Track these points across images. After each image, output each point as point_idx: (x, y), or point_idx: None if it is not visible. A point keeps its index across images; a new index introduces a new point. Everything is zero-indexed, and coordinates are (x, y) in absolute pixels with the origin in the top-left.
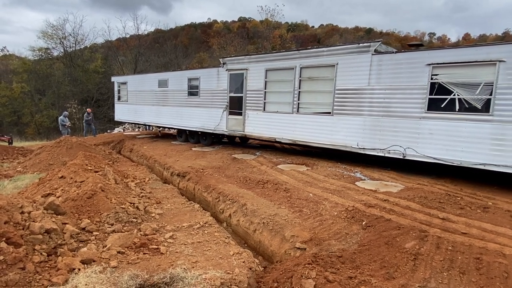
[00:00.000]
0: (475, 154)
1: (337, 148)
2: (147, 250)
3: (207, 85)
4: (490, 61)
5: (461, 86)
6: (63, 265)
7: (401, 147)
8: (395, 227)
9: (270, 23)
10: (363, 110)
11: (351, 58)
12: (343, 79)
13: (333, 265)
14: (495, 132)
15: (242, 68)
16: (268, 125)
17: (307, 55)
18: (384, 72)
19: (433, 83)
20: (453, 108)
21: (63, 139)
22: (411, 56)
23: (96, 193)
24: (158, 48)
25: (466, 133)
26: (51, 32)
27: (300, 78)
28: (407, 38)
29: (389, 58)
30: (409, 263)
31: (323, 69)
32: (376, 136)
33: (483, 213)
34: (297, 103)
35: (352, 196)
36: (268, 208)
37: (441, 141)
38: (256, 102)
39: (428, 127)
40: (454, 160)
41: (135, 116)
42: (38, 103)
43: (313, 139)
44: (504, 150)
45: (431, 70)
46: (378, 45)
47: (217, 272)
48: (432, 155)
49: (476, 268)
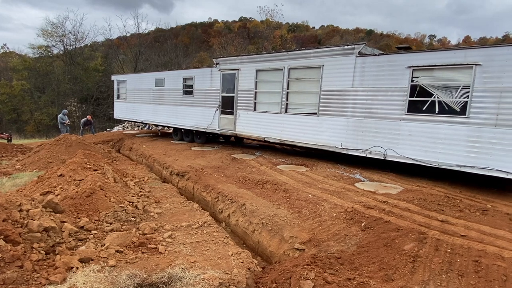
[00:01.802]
0: (452, 155)
1: (321, 148)
2: (146, 249)
3: (201, 84)
4: (467, 65)
5: (440, 89)
6: (61, 264)
7: (382, 148)
8: (394, 229)
9: (271, 23)
10: (347, 111)
11: (336, 60)
12: (328, 81)
13: (332, 266)
14: (471, 135)
15: (234, 68)
16: (258, 124)
17: (295, 56)
18: (367, 74)
19: (414, 85)
20: (433, 110)
21: (62, 137)
22: (392, 58)
23: (95, 191)
24: (159, 47)
25: (444, 135)
26: (51, 30)
27: (288, 79)
28: (407, 40)
29: (372, 60)
30: (408, 265)
31: (309, 70)
32: (358, 136)
33: (482, 215)
34: (285, 104)
35: (351, 197)
36: (267, 208)
37: (420, 143)
38: (247, 102)
39: (408, 128)
40: (432, 162)
41: (133, 114)
42: (37, 100)
43: (299, 139)
44: (479, 152)
45: (411, 72)
46: (362, 48)
47: (215, 272)
48: (411, 156)
49: (474, 270)
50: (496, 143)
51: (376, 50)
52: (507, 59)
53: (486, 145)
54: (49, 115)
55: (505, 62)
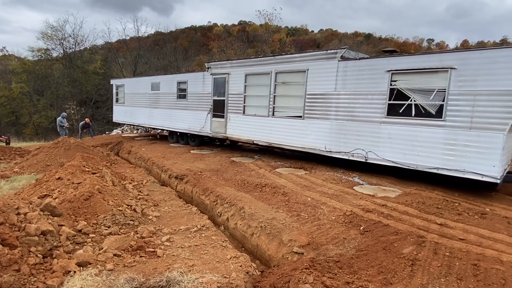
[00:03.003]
0: (429, 158)
1: (307, 151)
2: (144, 253)
3: (194, 88)
4: (443, 68)
5: (417, 92)
6: (59, 268)
7: (363, 150)
8: (393, 232)
9: (270, 27)
10: (330, 114)
11: (320, 64)
12: (313, 84)
13: (330, 270)
14: (447, 137)
15: (224, 72)
16: (247, 127)
17: (281, 61)
18: (349, 78)
19: (392, 89)
20: (410, 113)
21: (61, 140)
22: (372, 62)
23: (93, 194)
24: (158, 51)
25: (422, 138)
26: (50, 33)
27: (275, 83)
28: (406, 43)
29: (353, 64)
30: (407, 268)
31: (295, 74)
32: (341, 139)
33: (481, 219)
34: (273, 107)
35: (350, 200)
36: (266, 211)
37: (399, 145)
38: (237, 105)
39: (388, 131)
40: (410, 164)
41: (131, 117)
42: (36, 103)
43: (286, 142)
44: (455, 155)
45: (390, 76)
46: (344, 52)
47: (214, 276)
48: (391, 159)
49: (473, 274)
50: (471, 146)
51: (361, 54)
52: (481, 63)
53: (462, 148)
54: (48, 118)
55: (478, 66)
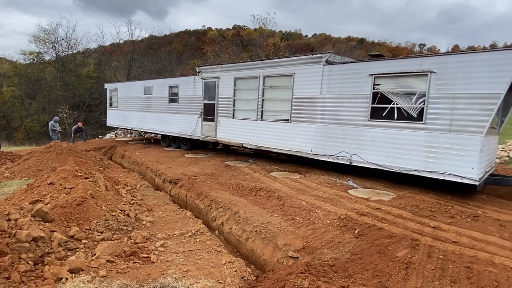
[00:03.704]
0: (411, 160)
1: (294, 154)
2: (137, 258)
3: (185, 92)
4: (423, 72)
5: (399, 96)
6: (50, 275)
7: (348, 153)
8: (387, 236)
9: (264, 31)
10: (316, 117)
11: (306, 68)
12: (299, 88)
13: (325, 274)
14: (428, 140)
15: (214, 76)
16: (237, 131)
17: (269, 65)
18: (334, 81)
19: (375, 92)
20: (393, 117)
21: (53, 145)
22: (355, 67)
23: (86, 200)
24: (152, 54)
25: (403, 141)
26: (43, 36)
27: (264, 87)
28: (398, 48)
29: (338, 68)
30: (401, 272)
31: (282, 78)
32: (327, 142)
33: (473, 222)
34: (261, 111)
35: (344, 204)
36: (261, 216)
37: (382, 148)
38: (227, 109)
39: (371, 134)
40: (393, 166)
41: (125, 121)
42: (28, 107)
43: (274, 145)
44: (436, 157)
45: (373, 80)
46: (329, 56)
47: (208, 281)
48: (375, 161)
49: (467, 277)
50: (450, 148)
51: (346, 58)
52: (459, 67)
53: (442, 150)
54: (39, 122)
55: (457, 70)
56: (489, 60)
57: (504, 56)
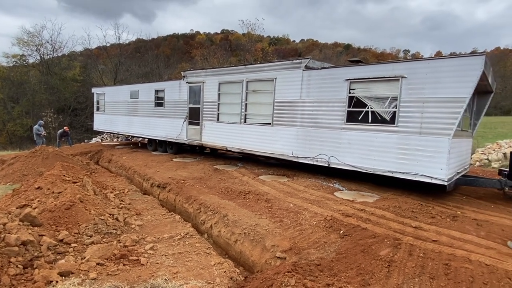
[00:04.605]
0: (385, 162)
1: (276, 156)
2: (127, 261)
3: (170, 96)
4: (395, 77)
5: (373, 100)
6: (40, 278)
7: (326, 155)
8: (370, 236)
9: (252, 36)
10: (296, 121)
11: (286, 73)
12: (281, 93)
13: (311, 273)
14: (400, 142)
15: (199, 81)
16: (221, 134)
17: (252, 70)
18: (313, 86)
19: (351, 96)
20: (367, 120)
21: (38, 149)
22: (333, 72)
23: (74, 204)
24: (140, 58)
25: (377, 143)
26: (27, 38)
27: (247, 91)
28: (383, 54)
29: (316, 73)
30: (384, 270)
31: (264, 83)
32: (306, 145)
33: (452, 221)
34: (244, 114)
35: (330, 206)
36: (249, 218)
37: (358, 150)
38: (211, 113)
39: (347, 137)
40: (368, 168)
41: (111, 126)
42: (11, 111)
43: (257, 148)
44: (408, 159)
45: (349, 85)
46: (308, 62)
47: (198, 282)
48: (351, 163)
49: (445, 273)
50: (421, 150)
51: (326, 64)
52: (427, 72)
53: (413, 152)
54: (23, 126)
55: (425, 75)
56: (454, 66)
57: (467, 62)
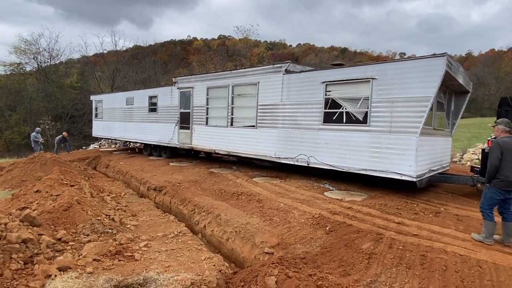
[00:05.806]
0: (359, 161)
1: (260, 158)
2: (122, 257)
3: (163, 102)
4: (366, 79)
5: (347, 101)
6: (40, 272)
7: (305, 155)
8: (355, 231)
9: (249, 41)
10: (278, 123)
11: (268, 77)
12: (263, 96)
13: (296, 265)
14: (372, 141)
15: (189, 86)
16: (210, 138)
17: (237, 74)
18: (292, 89)
19: (327, 98)
20: (342, 120)
21: (37, 155)
22: (310, 75)
23: (72, 205)
24: (137, 64)
25: (352, 142)
26: (24, 47)
27: (233, 95)
28: (379, 57)
29: (295, 77)
30: (364, 261)
31: (248, 87)
32: (287, 146)
33: (435, 217)
34: (231, 118)
35: (319, 205)
36: (241, 217)
37: (334, 150)
38: (200, 117)
39: (324, 137)
40: (344, 167)
41: (109, 132)
42: (8, 119)
43: (243, 150)
44: (380, 157)
45: (325, 87)
46: (288, 66)
47: (188, 274)
48: (329, 163)
49: (420, 263)
50: (391, 148)
51: (307, 67)
52: (395, 73)
53: (384, 150)
54: (20, 133)
55: (394, 76)
56: (418, 67)
57: (430, 63)
